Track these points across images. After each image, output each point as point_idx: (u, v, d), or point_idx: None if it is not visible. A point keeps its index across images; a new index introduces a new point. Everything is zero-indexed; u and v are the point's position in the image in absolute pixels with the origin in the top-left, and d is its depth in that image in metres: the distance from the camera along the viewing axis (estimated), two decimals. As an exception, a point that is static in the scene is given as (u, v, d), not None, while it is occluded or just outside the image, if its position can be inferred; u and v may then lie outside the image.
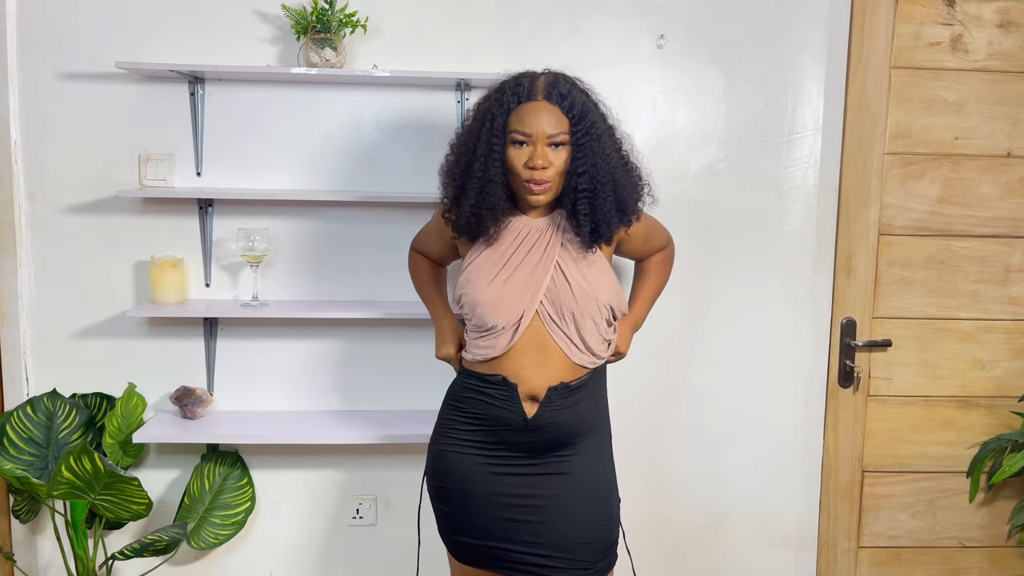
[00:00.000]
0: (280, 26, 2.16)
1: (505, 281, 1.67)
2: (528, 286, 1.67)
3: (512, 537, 1.68)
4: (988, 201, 2.33)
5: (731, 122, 2.28)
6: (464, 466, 1.71)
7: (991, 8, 2.27)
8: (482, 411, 1.71)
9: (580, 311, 1.67)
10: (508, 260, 1.68)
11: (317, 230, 2.25)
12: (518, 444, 1.69)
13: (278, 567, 2.35)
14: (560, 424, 1.68)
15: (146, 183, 2.17)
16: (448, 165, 1.72)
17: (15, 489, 2.17)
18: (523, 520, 1.68)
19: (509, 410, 1.68)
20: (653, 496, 2.39)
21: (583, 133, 1.61)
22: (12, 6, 2.13)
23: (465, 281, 1.70)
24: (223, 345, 2.27)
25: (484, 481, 1.70)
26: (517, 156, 1.62)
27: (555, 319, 1.67)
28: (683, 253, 2.30)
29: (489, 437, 1.71)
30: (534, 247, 1.68)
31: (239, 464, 2.28)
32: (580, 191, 1.63)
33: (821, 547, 2.44)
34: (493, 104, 1.64)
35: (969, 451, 2.42)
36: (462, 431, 1.73)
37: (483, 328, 1.70)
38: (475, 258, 1.71)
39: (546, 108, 1.61)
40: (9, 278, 2.20)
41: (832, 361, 2.37)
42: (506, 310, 1.66)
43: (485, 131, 1.63)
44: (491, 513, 1.69)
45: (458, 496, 1.72)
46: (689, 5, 2.23)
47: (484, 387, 1.71)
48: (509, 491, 1.69)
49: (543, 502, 1.69)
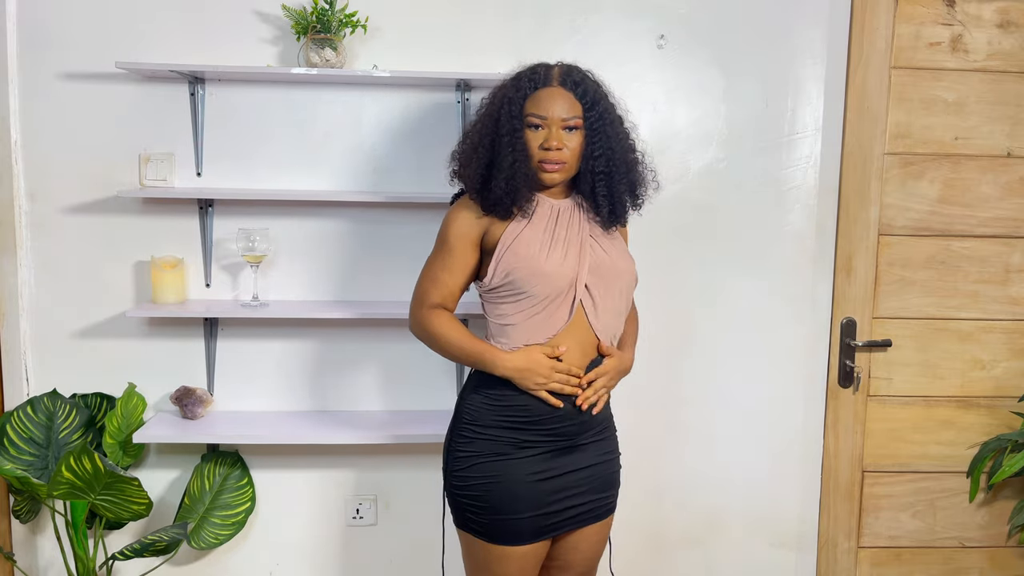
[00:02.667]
0: (280, 26, 2.16)
1: (562, 253, 1.70)
2: (577, 257, 1.70)
3: (554, 510, 1.73)
4: (988, 201, 2.33)
5: (731, 122, 2.28)
6: (509, 467, 1.71)
7: (991, 8, 2.27)
8: (524, 403, 1.70)
9: (619, 283, 1.74)
10: (554, 235, 1.71)
11: (317, 230, 2.25)
12: (560, 431, 1.71)
13: (278, 567, 2.35)
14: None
15: (146, 183, 2.17)
16: (470, 147, 1.74)
17: (15, 489, 2.17)
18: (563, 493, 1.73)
19: (559, 396, 1.70)
20: (653, 496, 2.39)
21: (596, 118, 1.69)
22: (12, 6, 2.13)
23: (514, 256, 1.68)
24: (223, 345, 2.27)
25: (527, 474, 1.71)
26: (533, 138, 1.68)
27: (597, 292, 1.71)
28: (683, 253, 2.31)
29: (530, 427, 1.71)
30: (570, 222, 1.73)
31: (239, 464, 2.28)
32: (597, 173, 1.71)
33: (821, 547, 2.44)
34: (510, 90, 1.71)
35: (969, 451, 2.42)
36: (502, 431, 1.72)
37: (538, 303, 1.68)
38: (519, 233, 1.70)
39: (560, 93, 1.68)
40: (9, 278, 2.20)
41: (832, 361, 2.37)
42: (565, 280, 1.68)
43: (505, 113, 1.69)
44: (537, 503, 1.71)
45: (504, 493, 1.71)
46: (689, 5, 2.23)
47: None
48: (550, 474, 1.72)
49: (582, 473, 1.75)
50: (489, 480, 1.70)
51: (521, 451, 1.70)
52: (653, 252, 2.24)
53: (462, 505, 1.75)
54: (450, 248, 1.74)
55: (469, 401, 1.75)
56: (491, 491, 1.70)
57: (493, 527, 1.72)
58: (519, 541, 1.72)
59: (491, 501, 1.71)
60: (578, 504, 1.75)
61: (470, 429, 1.73)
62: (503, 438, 1.71)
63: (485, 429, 1.72)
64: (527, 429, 1.70)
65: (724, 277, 2.32)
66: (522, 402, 1.70)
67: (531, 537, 1.72)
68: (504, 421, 1.71)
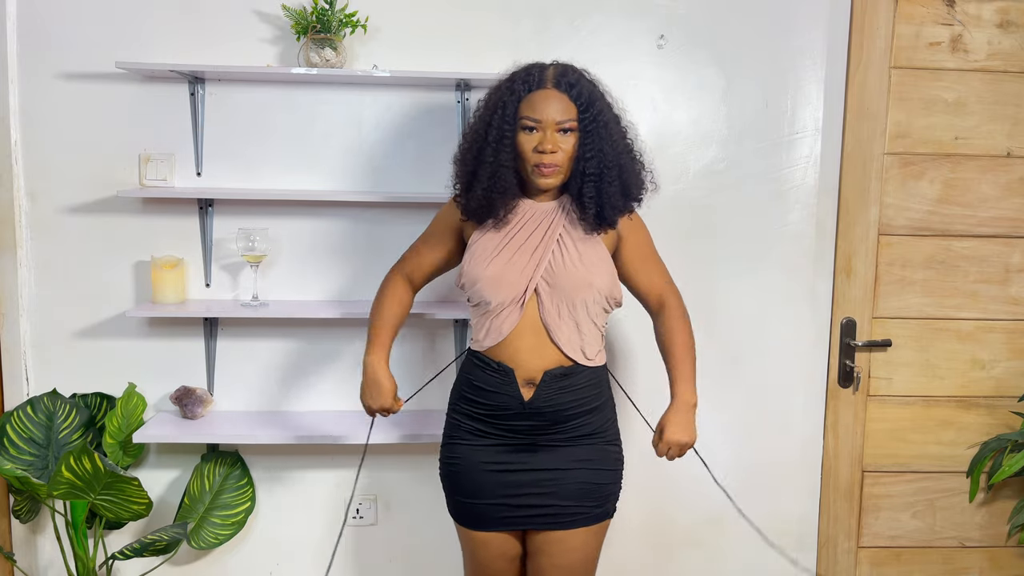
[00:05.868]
0: (280, 26, 2.16)
1: (507, 260, 1.72)
2: (529, 265, 1.71)
3: (514, 503, 1.76)
4: (988, 201, 2.33)
5: (731, 122, 2.28)
6: (468, 452, 1.78)
7: (991, 8, 2.27)
8: (483, 398, 1.76)
9: (575, 293, 1.71)
10: (511, 240, 1.73)
11: (317, 230, 2.25)
12: (517, 428, 1.74)
13: (278, 567, 2.35)
14: (560, 406, 1.73)
15: (146, 183, 2.17)
16: (461, 152, 1.77)
17: (15, 489, 2.17)
18: (526, 489, 1.76)
19: (507, 394, 1.72)
20: (653, 496, 2.39)
21: (591, 120, 1.68)
22: (12, 6, 2.13)
23: (468, 258, 1.75)
24: (223, 345, 2.27)
25: (483, 462, 1.77)
26: (527, 141, 1.68)
27: (552, 300, 1.71)
28: (683, 253, 2.30)
29: (489, 419, 1.76)
30: (537, 228, 1.73)
31: (239, 464, 2.28)
32: (587, 175, 1.70)
33: (821, 547, 2.44)
34: (504, 92, 1.70)
35: (969, 451, 2.42)
36: (465, 418, 1.80)
37: (486, 307, 1.73)
38: (480, 238, 1.76)
39: (555, 95, 1.67)
40: (9, 278, 2.20)
41: (832, 361, 2.37)
42: (507, 286, 1.70)
43: (496, 118, 1.69)
44: (495, 492, 1.76)
45: (463, 476, 1.79)
46: (689, 5, 2.23)
47: (484, 373, 1.75)
48: (510, 467, 1.76)
49: (543, 474, 1.76)
50: (454, 461, 1.80)
51: (480, 439, 1.77)
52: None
53: (443, 486, 1.85)
54: (434, 229, 1.88)
55: (455, 384, 1.85)
56: (455, 472, 1.80)
57: (459, 508, 1.81)
58: (482, 527, 1.78)
59: (451, 480, 1.81)
60: (540, 504, 1.75)
61: (451, 410, 1.84)
62: (467, 425, 1.79)
63: (455, 414, 1.82)
64: (485, 420, 1.76)
65: (724, 277, 2.32)
66: (476, 394, 1.76)
67: (494, 525, 1.77)
68: (469, 409, 1.79)
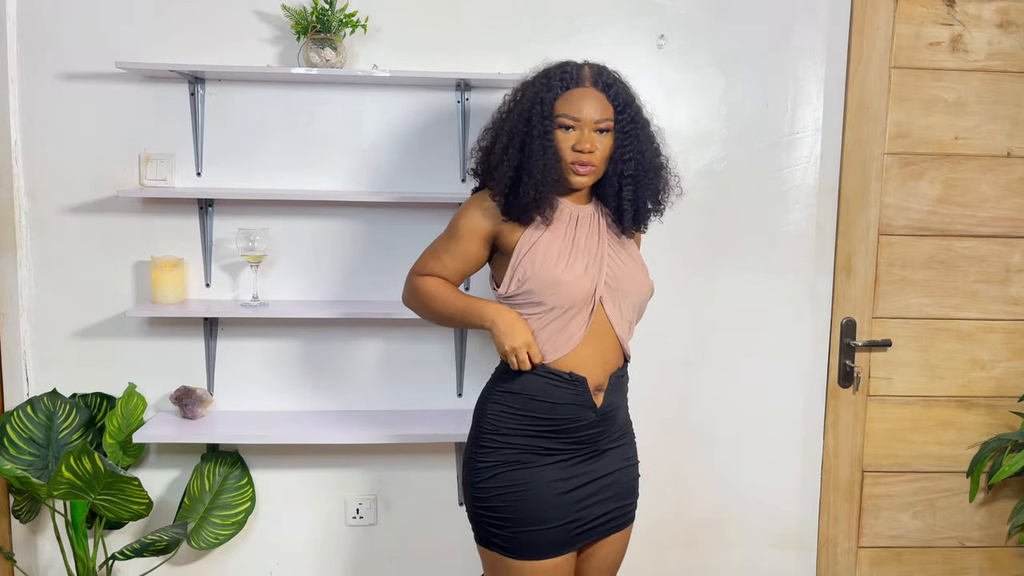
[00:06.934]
0: (280, 26, 2.16)
1: (581, 262, 1.65)
2: (592, 266, 1.66)
3: (586, 518, 1.69)
4: (988, 201, 2.33)
5: (731, 122, 2.28)
6: (537, 474, 1.66)
7: (991, 8, 2.27)
8: (555, 413, 1.66)
9: (633, 293, 1.71)
10: (574, 243, 1.67)
11: (317, 230, 2.25)
12: (584, 438, 1.68)
13: (278, 567, 2.35)
14: (618, 408, 1.74)
15: (146, 183, 2.17)
16: (499, 149, 1.66)
17: (15, 489, 2.17)
18: (592, 499, 1.70)
19: (581, 404, 1.66)
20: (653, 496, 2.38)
21: (628, 121, 1.65)
22: (12, 6, 2.13)
23: (531, 264, 1.63)
24: (223, 345, 2.27)
25: (553, 481, 1.66)
26: (564, 139, 1.63)
27: (614, 302, 1.68)
28: (683, 253, 2.31)
29: (556, 435, 1.67)
30: (589, 232, 1.69)
31: (239, 464, 2.28)
32: (626, 177, 1.67)
33: (821, 547, 2.44)
34: (541, 88, 1.64)
35: (969, 451, 2.42)
36: (526, 439, 1.67)
37: (551, 314, 1.64)
38: (537, 240, 1.65)
39: (593, 94, 1.64)
40: (9, 278, 2.20)
41: (832, 361, 2.37)
42: (583, 290, 1.64)
43: (536, 114, 1.62)
44: (568, 511, 1.67)
45: (533, 502, 1.66)
46: (689, 5, 2.23)
47: (554, 387, 1.65)
48: (578, 480, 1.68)
49: (604, 480, 1.71)
50: (512, 490, 1.65)
51: (544, 459, 1.66)
52: (652, 252, 2.24)
53: (484, 520, 1.68)
54: (459, 237, 1.71)
55: (490, 410, 1.70)
56: (515, 501, 1.65)
57: (518, 541, 1.65)
58: (546, 554, 1.65)
59: (515, 512, 1.65)
60: (603, 513, 1.70)
61: (491, 439, 1.68)
62: (526, 446, 1.66)
63: (507, 437, 1.67)
64: (550, 436, 1.66)
65: (724, 277, 2.32)
66: (545, 410, 1.65)
67: (558, 549, 1.66)
68: (527, 429, 1.66)
